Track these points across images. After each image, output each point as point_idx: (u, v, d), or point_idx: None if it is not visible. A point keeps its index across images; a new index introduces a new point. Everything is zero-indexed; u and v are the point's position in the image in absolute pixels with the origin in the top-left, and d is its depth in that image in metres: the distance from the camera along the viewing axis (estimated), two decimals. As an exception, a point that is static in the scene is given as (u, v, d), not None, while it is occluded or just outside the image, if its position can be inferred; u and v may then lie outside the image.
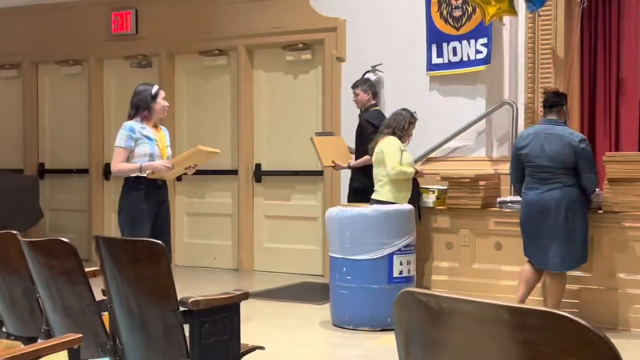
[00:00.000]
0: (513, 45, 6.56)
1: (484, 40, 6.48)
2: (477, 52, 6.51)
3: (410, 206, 5.76)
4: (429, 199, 6.30)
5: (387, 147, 5.94)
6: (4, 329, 3.54)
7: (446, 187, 6.30)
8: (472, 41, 6.53)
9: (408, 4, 6.99)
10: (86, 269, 3.12)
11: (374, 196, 6.04)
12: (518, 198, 5.75)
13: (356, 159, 6.44)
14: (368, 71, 7.11)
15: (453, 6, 6.66)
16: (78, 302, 3.06)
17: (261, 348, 3.27)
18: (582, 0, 6.14)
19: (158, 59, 8.41)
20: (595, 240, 5.47)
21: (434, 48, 6.75)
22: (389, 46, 7.09)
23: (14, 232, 3.36)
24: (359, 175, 6.32)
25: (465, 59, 6.59)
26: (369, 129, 6.31)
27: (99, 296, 3.08)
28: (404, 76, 7.03)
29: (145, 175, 4.91)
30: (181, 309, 2.75)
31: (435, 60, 6.74)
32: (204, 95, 8.32)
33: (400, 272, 5.48)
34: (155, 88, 5.08)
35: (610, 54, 6.57)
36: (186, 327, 2.79)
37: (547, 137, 5.11)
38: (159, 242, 2.78)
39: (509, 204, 5.96)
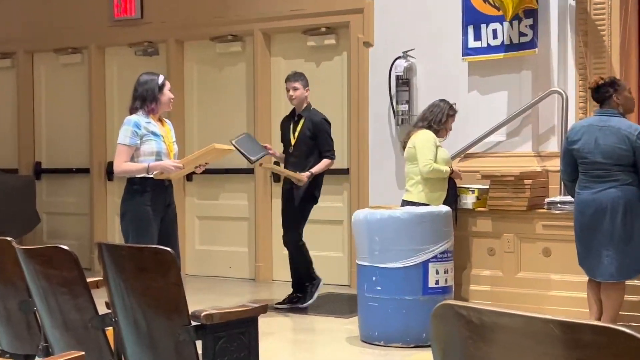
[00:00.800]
0: (562, 26, 6.51)
1: (529, 21, 6.43)
2: (521, 34, 6.47)
3: (447, 208, 5.74)
4: (468, 200, 6.28)
5: (420, 141, 5.93)
6: (-2, 346, 3.57)
7: (487, 187, 6.28)
8: (515, 22, 6.48)
9: (443, -18, 6.97)
10: (88, 280, 3.14)
11: (405, 197, 6.04)
12: (569, 198, 5.71)
13: (312, 165, 6.44)
14: (399, 57, 7.11)
15: (494, -17, 6.62)
16: (79, 316, 3.08)
17: (282, 366, 3.28)
18: None
19: (165, 46, 8.45)
20: (656, 246, 5.42)
21: (470, 30, 6.71)
22: (421, 29, 7.08)
23: (8, 238, 3.39)
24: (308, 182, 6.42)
25: (507, 42, 6.55)
26: (329, 129, 6.53)
27: (102, 309, 3.10)
28: (438, 63, 7.01)
29: (152, 176, 4.94)
30: (193, 323, 2.76)
31: (473, 44, 6.70)
32: (216, 85, 8.35)
33: (437, 282, 5.47)
34: (161, 78, 5.13)
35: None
36: (198, 344, 2.80)
37: (601, 130, 5.07)
38: (168, 249, 2.79)
39: (559, 205, 5.92)
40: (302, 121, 6.51)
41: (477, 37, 6.66)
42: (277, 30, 7.93)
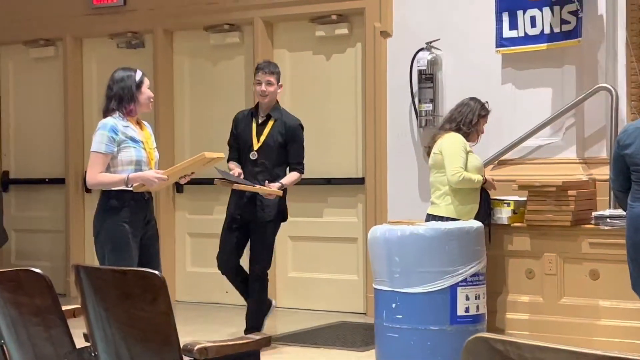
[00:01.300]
0: (611, 13, 6.50)
1: (572, 7, 6.43)
2: (564, 22, 6.46)
3: (478, 223, 5.73)
4: (503, 214, 6.27)
5: (448, 146, 5.94)
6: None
7: (525, 199, 6.26)
8: (557, 8, 6.48)
9: (473, -38, 6.98)
10: (64, 308, 3.14)
11: (430, 210, 6.04)
12: (620, 212, 5.68)
13: (279, 176, 6.28)
14: (422, 49, 7.12)
15: (531, -37, 6.63)
16: (54, 350, 3.09)
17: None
18: None
19: (152, 37, 8.49)
20: None
21: (505, 17, 6.71)
22: (448, 17, 7.08)
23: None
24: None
25: (547, 31, 6.54)
26: (303, 137, 6.38)
27: (80, 342, 3.10)
28: (468, 55, 7.01)
29: (131, 188, 4.94)
30: (185, 358, 2.76)
31: (508, 33, 6.70)
32: (210, 81, 8.37)
33: (467, 310, 5.45)
34: (139, 74, 5.15)
35: None
36: (192, 382, 2.80)
37: (660, 132, 5.06)
38: (156, 272, 2.80)
39: (608, 220, 5.90)
40: (271, 123, 6.27)
41: (513, 25, 6.66)
42: (281, 18, 7.95)
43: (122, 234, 4.95)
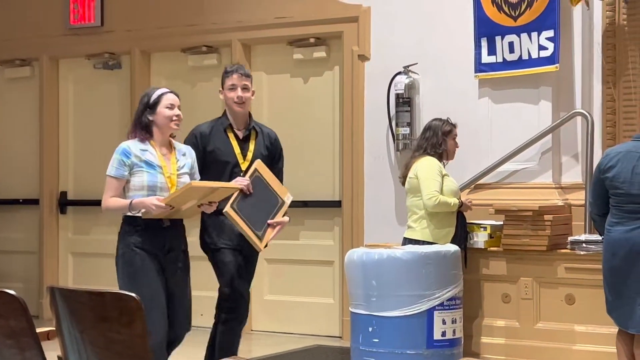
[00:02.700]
0: (587, 39, 6.55)
1: (549, 33, 6.48)
2: (541, 48, 6.50)
3: (455, 247, 5.73)
4: (480, 238, 6.28)
5: (422, 170, 5.94)
6: None
7: (501, 223, 6.27)
8: (534, 34, 6.53)
9: (450, -13, 7.02)
10: (38, 330, 3.10)
11: (407, 234, 6.03)
12: (596, 237, 5.70)
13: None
14: (399, 73, 7.13)
15: (509, -11, 6.68)
16: (27, 373, 3.04)
17: None
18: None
19: (129, 58, 8.45)
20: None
21: (484, 43, 6.75)
22: (426, 41, 7.10)
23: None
24: None
25: (525, 57, 6.59)
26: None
27: (54, 365, 3.06)
28: (445, 80, 7.02)
29: (140, 214, 4.69)
30: (162, 382, 2.72)
31: (486, 58, 6.74)
32: (188, 103, 8.31)
33: (443, 334, 5.44)
34: (156, 93, 4.87)
35: None
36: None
37: (640, 158, 5.08)
38: (133, 295, 2.76)
39: (584, 245, 5.92)
40: (255, 137, 5.34)
41: (492, 50, 6.70)
42: (259, 40, 7.94)
43: (133, 261, 4.68)
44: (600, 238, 5.50)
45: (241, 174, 5.13)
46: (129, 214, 4.70)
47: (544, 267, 6.11)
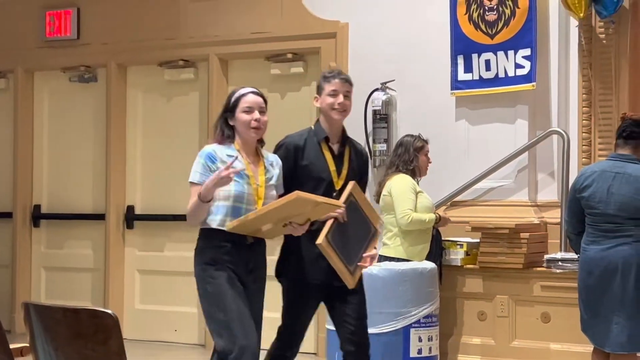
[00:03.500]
0: (563, 58, 6.59)
1: (526, 51, 6.51)
2: (518, 66, 6.53)
3: (432, 264, 5.73)
4: (456, 255, 6.27)
5: (395, 188, 5.94)
6: None
7: (478, 240, 6.28)
8: (511, 52, 6.56)
9: (428, 5, 7.03)
10: (12, 346, 3.06)
11: (382, 251, 6.01)
12: (572, 255, 5.72)
13: None
14: (376, 89, 7.13)
15: (486, 7, 6.71)
16: (0, 391, 3.00)
17: None
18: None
19: (105, 72, 8.40)
20: (671, 311, 5.44)
21: (460, 60, 6.78)
22: (403, 58, 7.11)
23: None
24: None
25: (501, 75, 6.61)
26: None
27: (27, 382, 3.02)
28: (422, 96, 7.03)
29: (225, 228, 4.12)
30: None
31: (463, 76, 6.77)
32: (164, 117, 8.31)
33: (419, 351, 5.43)
34: (235, 94, 4.30)
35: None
36: None
37: (616, 177, 5.10)
38: (108, 311, 2.73)
39: (560, 263, 5.94)
40: (348, 152, 4.67)
41: (468, 68, 6.72)
42: (236, 55, 7.93)
43: (206, 279, 4.15)
44: (576, 256, 5.52)
45: (334, 195, 4.44)
46: (209, 226, 4.15)
47: (520, 285, 6.12)
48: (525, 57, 6.52)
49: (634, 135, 5.20)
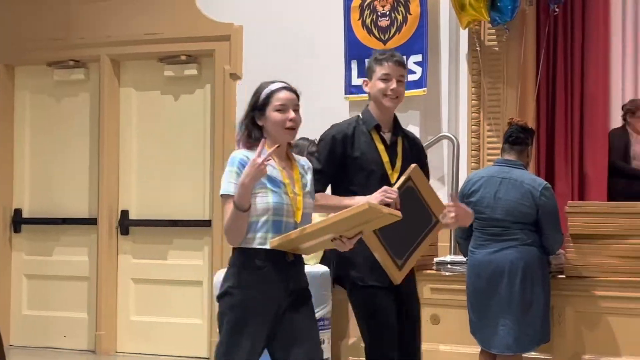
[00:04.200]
0: (454, 64, 6.69)
1: (417, 57, 6.59)
2: (410, 72, 6.59)
3: (325, 268, 5.73)
4: (348, 259, 6.29)
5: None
6: None
7: (370, 244, 6.31)
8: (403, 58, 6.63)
9: (322, 9, 7.05)
10: None
11: (276, 255, 5.99)
12: (461, 258, 5.80)
13: None
14: (271, 93, 7.11)
15: (379, 13, 6.76)
16: None
17: None
18: (552, 9, 6.35)
19: (-9, 72, 8.18)
20: (556, 313, 5.57)
21: (354, 65, 6.82)
22: (298, 61, 7.11)
23: None
24: None
25: (394, 80, 6.68)
26: None
27: None
28: (317, 100, 7.03)
29: (268, 245, 3.60)
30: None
31: (356, 80, 6.80)
32: (53, 119, 8.12)
33: (311, 355, 5.41)
34: (265, 91, 3.74)
35: (573, 80, 6.78)
36: None
37: (502, 182, 5.20)
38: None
39: (449, 266, 6.01)
40: (401, 142, 4.31)
41: (362, 73, 6.75)
42: (129, 56, 7.81)
43: (233, 306, 3.60)
44: (464, 259, 5.60)
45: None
46: (247, 245, 3.61)
47: (411, 288, 6.17)
48: (416, 63, 6.60)
49: (519, 141, 5.31)
